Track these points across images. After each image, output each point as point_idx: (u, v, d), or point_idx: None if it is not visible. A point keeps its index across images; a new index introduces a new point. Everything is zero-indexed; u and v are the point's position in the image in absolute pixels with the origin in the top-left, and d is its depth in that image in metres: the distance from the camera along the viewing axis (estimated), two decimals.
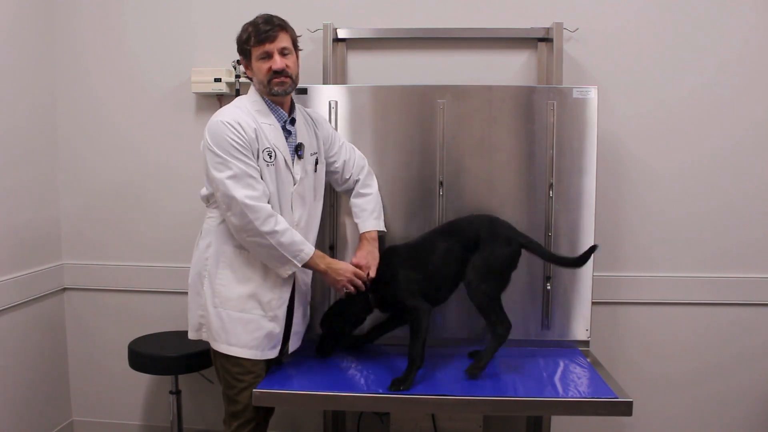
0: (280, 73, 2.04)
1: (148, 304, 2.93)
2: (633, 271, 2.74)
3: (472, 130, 2.43)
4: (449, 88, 2.43)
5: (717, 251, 2.72)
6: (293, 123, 2.15)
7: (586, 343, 2.46)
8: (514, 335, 2.40)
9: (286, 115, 2.13)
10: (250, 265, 2.09)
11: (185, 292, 2.20)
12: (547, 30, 2.62)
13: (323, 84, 2.62)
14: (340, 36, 2.68)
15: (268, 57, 2.04)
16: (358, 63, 2.76)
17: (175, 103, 2.83)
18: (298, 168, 2.12)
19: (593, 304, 2.46)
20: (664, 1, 2.66)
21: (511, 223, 2.24)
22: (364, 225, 2.31)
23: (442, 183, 2.44)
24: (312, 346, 2.34)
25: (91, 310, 2.99)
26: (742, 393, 2.78)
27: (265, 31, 2.03)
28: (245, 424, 2.10)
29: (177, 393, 2.68)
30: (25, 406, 2.75)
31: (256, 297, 2.09)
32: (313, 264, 2.09)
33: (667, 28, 2.67)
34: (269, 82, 2.05)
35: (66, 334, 3.01)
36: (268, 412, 2.18)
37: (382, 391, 2.01)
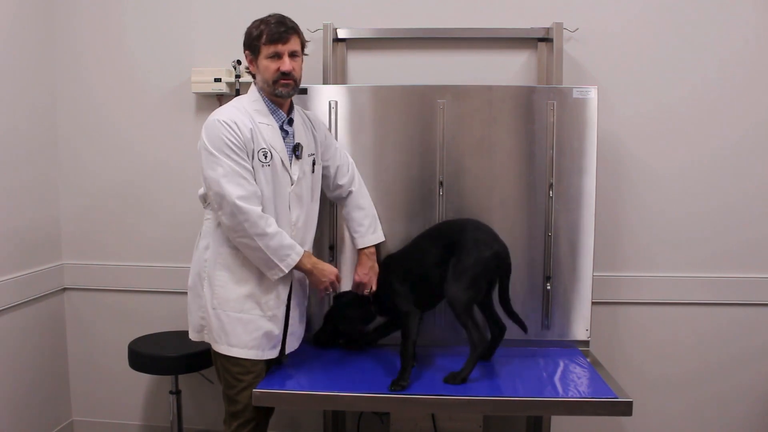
0: (287, 75, 2.04)
1: (148, 304, 2.93)
2: (633, 271, 2.74)
3: (472, 130, 2.43)
4: (449, 88, 2.43)
5: (717, 251, 2.72)
6: (291, 123, 2.15)
7: (586, 343, 2.46)
8: (514, 335, 2.41)
9: (284, 115, 2.13)
10: (247, 266, 2.08)
11: (185, 292, 2.20)
12: (547, 30, 2.62)
13: (323, 84, 2.62)
14: (340, 36, 2.68)
15: (277, 57, 2.04)
16: (358, 63, 2.76)
17: (175, 103, 2.83)
18: (295, 168, 2.12)
19: (593, 304, 2.46)
20: (664, 1, 2.66)
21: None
22: (363, 241, 2.31)
23: (442, 183, 2.44)
24: (312, 348, 2.34)
25: (91, 310, 2.99)
26: (742, 393, 2.78)
27: (279, 31, 2.03)
28: (245, 424, 2.10)
29: (177, 393, 2.68)
30: (25, 406, 2.75)
31: (254, 297, 2.09)
32: (301, 264, 2.07)
33: (667, 28, 2.67)
34: (275, 82, 2.05)
35: (66, 334, 3.01)
36: (268, 412, 2.18)
37: (382, 391, 2.01)
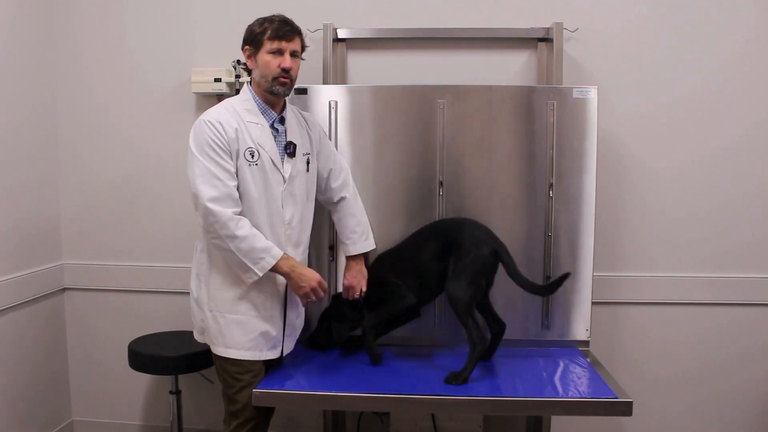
0: (287, 73, 2.06)
1: (148, 304, 2.93)
2: (633, 271, 2.74)
3: (472, 130, 2.43)
4: (449, 88, 2.43)
5: (717, 251, 2.72)
6: (283, 122, 2.15)
7: (586, 343, 2.46)
8: (514, 335, 2.42)
9: (275, 114, 2.13)
10: None
11: (185, 292, 2.20)
12: (547, 30, 2.62)
13: (323, 84, 2.62)
14: (340, 36, 2.68)
15: (279, 53, 2.05)
16: (358, 63, 2.76)
17: (175, 103, 2.83)
18: (288, 167, 2.12)
19: (593, 304, 2.46)
20: (664, 1, 2.66)
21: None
22: (354, 248, 2.31)
23: (442, 183, 2.44)
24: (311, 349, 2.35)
25: (91, 310, 2.99)
26: (742, 393, 2.78)
27: (285, 29, 2.06)
28: (244, 424, 2.10)
29: (177, 393, 2.68)
30: (25, 406, 2.75)
31: (249, 298, 2.08)
32: (277, 267, 2.02)
33: (667, 28, 2.67)
34: (274, 79, 2.06)
35: (66, 334, 3.01)
36: (268, 412, 2.18)
37: (382, 391, 2.01)
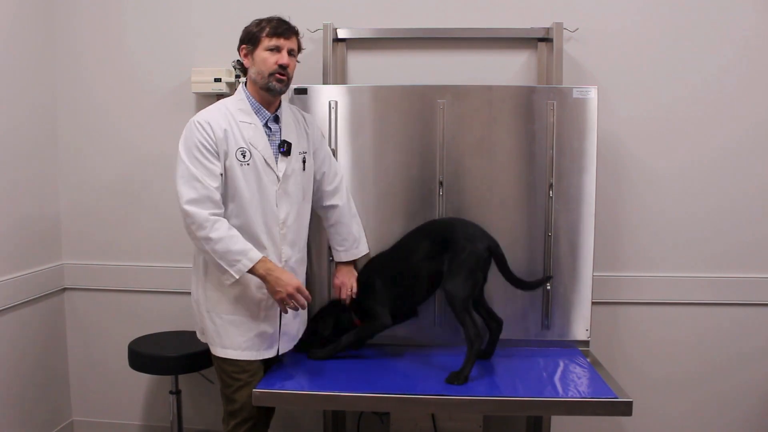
0: (284, 69, 2.07)
1: (148, 304, 2.93)
2: (633, 271, 2.74)
3: (472, 130, 2.43)
4: (449, 88, 2.43)
5: (717, 251, 2.72)
6: (277, 120, 2.15)
7: (586, 343, 2.46)
8: (514, 335, 2.42)
9: (268, 113, 2.14)
10: None
11: (185, 292, 2.20)
12: (547, 30, 2.62)
13: (323, 84, 2.62)
14: (340, 36, 2.68)
15: (277, 51, 2.07)
16: (358, 63, 2.76)
17: (175, 103, 2.83)
18: (282, 165, 2.12)
19: (593, 304, 2.46)
20: (664, 2, 2.66)
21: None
22: (347, 255, 2.31)
23: (442, 183, 2.44)
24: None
25: (91, 310, 2.99)
26: (742, 393, 2.78)
27: (283, 27, 2.08)
28: (242, 423, 2.11)
29: (177, 393, 2.68)
30: (25, 406, 2.75)
31: (244, 299, 2.09)
32: (254, 270, 2.00)
33: (667, 28, 2.67)
34: (270, 75, 2.06)
35: (66, 334, 3.01)
36: (267, 412, 2.18)
37: (382, 391, 2.01)
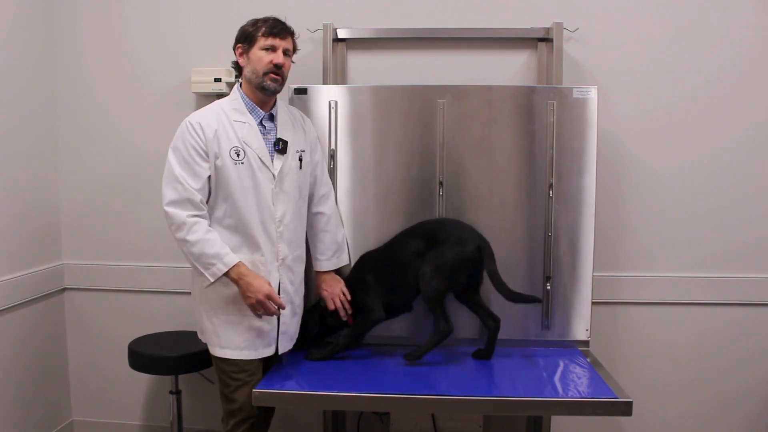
0: (278, 69, 2.07)
1: (148, 304, 2.93)
2: (633, 271, 2.74)
3: (472, 130, 2.43)
4: (449, 88, 2.43)
5: (717, 251, 2.72)
6: (272, 119, 2.16)
7: (586, 343, 2.46)
8: (514, 335, 2.42)
9: (262, 112, 2.14)
10: None
11: (185, 292, 2.20)
12: (547, 30, 2.62)
13: (323, 84, 2.62)
14: (340, 36, 2.68)
15: (272, 50, 2.08)
16: (358, 63, 2.76)
17: (175, 103, 2.83)
18: (278, 164, 2.12)
19: (593, 304, 2.46)
20: (664, 2, 2.66)
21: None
22: (328, 264, 2.31)
23: (442, 183, 2.44)
24: (309, 348, 2.34)
25: (91, 310, 2.99)
26: (742, 393, 2.78)
27: (279, 27, 2.10)
28: (241, 423, 2.11)
29: (177, 393, 2.68)
30: (25, 406, 2.75)
31: (241, 299, 2.08)
32: (228, 274, 2.01)
33: (667, 28, 2.67)
34: (265, 74, 2.07)
35: (66, 334, 3.01)
36: (267, 411, 2.18)
37: (382, 391, 2.01)
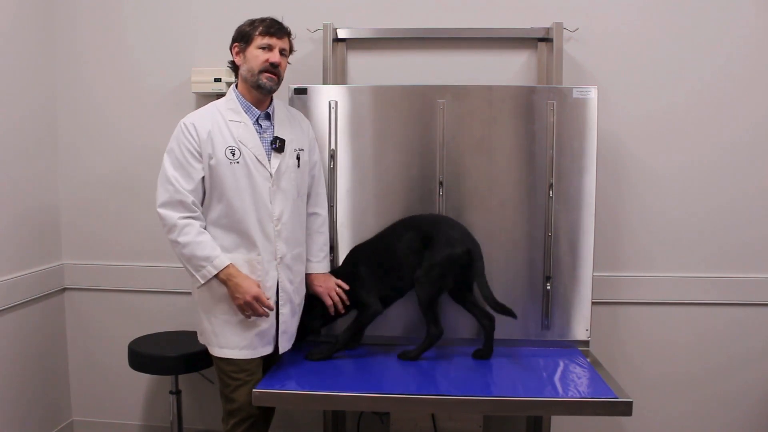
0: (274, 67, 2.08)
1: (148, 304, 2.93)
2: (633, 271, 2.74)
3: (472, 130, 2.43)
4: (449, 88, 2.43)
5: (717, 251, 2.72)
6: (268, 118, 2.16)
7: (586, 343, 2.46)
8: (514, 335, 2.42)
9: (258, 111, 2.14)
10: None
11: (185, 292, 2.20)
12: (547, 30, 2.62)
13: (323, 84, 2.62)
14: (340, 36, 2.68)
15: (268, 49, 2.09)
16: (358, 63, 2.76)
17: (175, 103, 2.83)
18: (275, 162, 2.12)
19: (593, 304, 2.46)
20: (664, 1, 2.66)
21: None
22: (320, 266, 2.31)
23: (442, 183, 2.44)
24: (310, 347, 2.34)
25: (91, 310, 2.99)
26: (742, 393, 2.78)
27: (276, 27, 2.11)
28: (241, 423, 2.11)
29: (177, 393, 2.68)
30: (25, 406, 2.75)
31: None
32: (217, 276, 2.03)
33: (667, 28, 2.67)
34: (261, 72, 2.08)
35: (66, 334, 3.01)
36: (267, 411, 2.18)
37: (382, 391, 2.01)
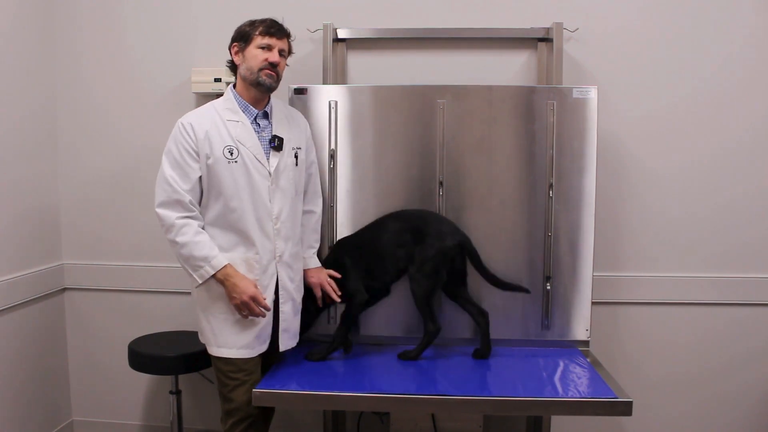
0: (274, 67, 2.10)
1: (148, 304, 2.93)
2: (633, 271, 2.74)
3: (472, 130, 2.43)
4: (449, 88, 2.43)
5: (717, 251, 2.72)
6: (266, 117, 2.17)
7: (586, 343, 2.46)
8: (514, 335, 2.42)
9: (255, 111, 2.15)
10: None
11: (185, 292, 2.21)
12: (547, 30, 2.62)
13: (323, 84, 2.62)
14: (340, 36, 2.68)
15: (268, 49, 2.10)
16: (358, 63, 2.76)
17: (175, 103, 2.83)
18: (274, 161, 2.13)
19: (593, 304, 2.46)
20: (664, 1, 2.66)
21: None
22: (312, 261, 2.32)
23: (442, 183, 2.44)
24: (310, 347, 2.34)
25: (91, 310, 2.99)
26: (742, 393, 2.78)
27: (276, 27, 2.12)
28: (239, 422, 2.11)
29: (177, 393, 2.68)
30: (25, 406, 2.75)
31: None
32: (216, 276, 2.04)
33: (667, 28, 2.67)
34: (260, 70, 2.09)
35: (66, 334, 3.01)
36: (266, 411, 2.18)
37: (382, 391, 2.01)
